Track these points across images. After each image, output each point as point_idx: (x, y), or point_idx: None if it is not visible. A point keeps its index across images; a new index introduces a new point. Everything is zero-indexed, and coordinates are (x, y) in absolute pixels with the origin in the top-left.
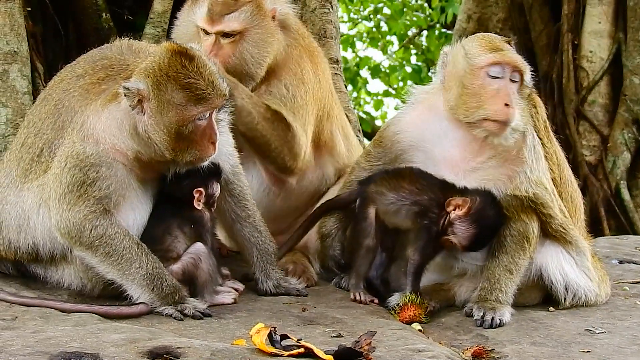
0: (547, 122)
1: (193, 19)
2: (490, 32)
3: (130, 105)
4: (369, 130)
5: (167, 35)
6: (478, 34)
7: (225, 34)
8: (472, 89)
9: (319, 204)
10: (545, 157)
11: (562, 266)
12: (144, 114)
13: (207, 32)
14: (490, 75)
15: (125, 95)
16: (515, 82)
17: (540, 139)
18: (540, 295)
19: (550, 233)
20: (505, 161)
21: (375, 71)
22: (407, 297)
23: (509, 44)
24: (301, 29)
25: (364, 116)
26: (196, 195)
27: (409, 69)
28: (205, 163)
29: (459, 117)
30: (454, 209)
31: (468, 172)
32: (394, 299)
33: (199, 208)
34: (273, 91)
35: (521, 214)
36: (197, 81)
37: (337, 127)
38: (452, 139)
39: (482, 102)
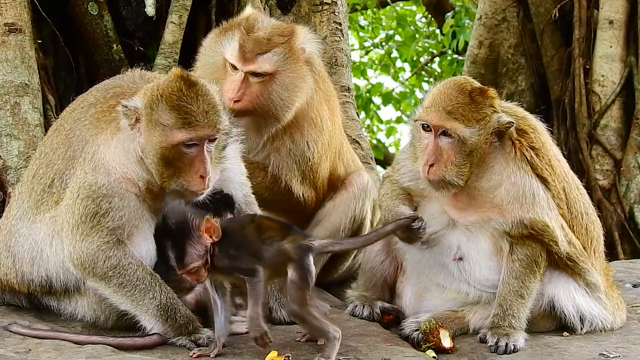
0: (553, 160)
1: (222, 51)
2: (502, 58)
3: (129, 125)
4: (381, 157)
5: (178, 65)
6: (454, 79)
7: (255, 74)
8: (413, 142)
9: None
10: (552, 195)
11: (573, 297)
12: (141, 134)
13: (235, 68)
14: (423, 128)
15: (123, 114)
16: (449, 137)
17: (543, 178)
18: (554, 324)
19: (558, 263)
20: (494, 199)
21: (387, 98)
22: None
23: (479, 94)
24: (322, 71)
25: (376, 143)
26: None
27: (420, 95)
28: (200, 198)
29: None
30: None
31: (463, 211)
32: (409, 326)
33: None
34: (294, 149)
35: (526, 240)
36: (188, 105)
37: (349, 160)
38: None
39: (417, 157)
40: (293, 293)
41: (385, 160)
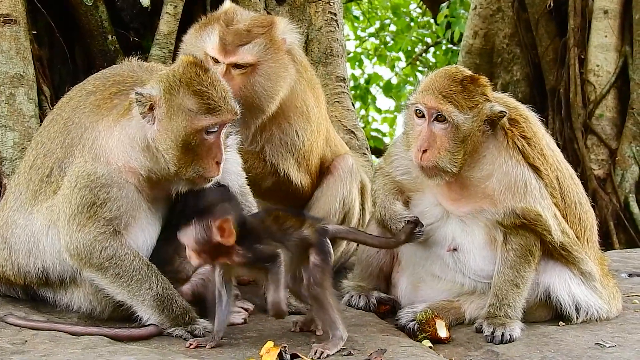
0: (545, 149)
1: (202, 46)
2: (497, 48)
3: (141, 113)
4: (381, 147)
5: (174, 56)
6: (446, 68)
7: (237, 65)
8: (406, 131)
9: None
10: (545, 184)
11: (569, 286)
12: (154, 122)
13: (217, 61)
14: (416, 114)
15: (137, 102)
16: (443, 122)
17: (536, 167)
18: (550, 313)
19: (552, 253)
20: (486, 189)
21: (388, 88)
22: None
23: (470, 82)
24: (304, 61)
25: (374, 133)
26: None
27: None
28: (209, 185)
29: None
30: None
31: (456, 202)
32: (405, 316)
33: None
34: (285, 139)
35: (519, 229)
36: (209, 91)
37: (335, 145)
38: None
39: (410, 144)
40: (317, 276)
41: (381, 149)
